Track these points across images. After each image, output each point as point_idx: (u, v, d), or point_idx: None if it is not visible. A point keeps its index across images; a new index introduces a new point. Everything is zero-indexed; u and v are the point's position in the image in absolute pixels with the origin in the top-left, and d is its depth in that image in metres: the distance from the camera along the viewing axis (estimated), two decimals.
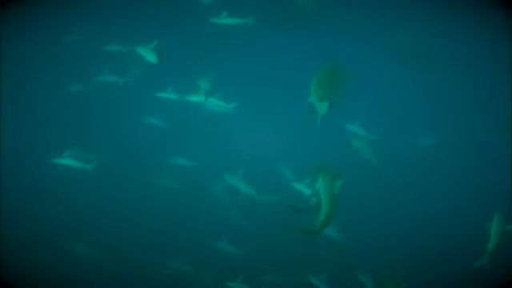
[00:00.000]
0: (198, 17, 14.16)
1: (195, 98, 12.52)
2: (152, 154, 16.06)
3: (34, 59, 17.88)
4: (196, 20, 14.52)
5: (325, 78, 8.30)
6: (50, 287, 13.49)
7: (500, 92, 16.48)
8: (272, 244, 14.39)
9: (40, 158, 13.37)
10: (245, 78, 16.05)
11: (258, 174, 13.23)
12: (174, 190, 15.61)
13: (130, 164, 16.35)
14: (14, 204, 14.47)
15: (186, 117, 14.42)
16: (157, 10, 17.45)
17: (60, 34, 17.37)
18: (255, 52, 17.28)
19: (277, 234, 13.78)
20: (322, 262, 12.76)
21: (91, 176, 12.84)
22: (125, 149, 16.66)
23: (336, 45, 15.70)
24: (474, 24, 16.78)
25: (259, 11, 13.59)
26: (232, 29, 13.53)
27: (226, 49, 16.40)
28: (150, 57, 12.20)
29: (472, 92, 18.03)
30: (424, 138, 16.82)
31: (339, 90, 8.21)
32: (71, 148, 12.88)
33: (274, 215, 13.44)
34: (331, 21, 16.53)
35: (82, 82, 16.32)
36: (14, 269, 12.22)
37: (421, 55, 17.33)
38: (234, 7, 13.44)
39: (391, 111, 17.17)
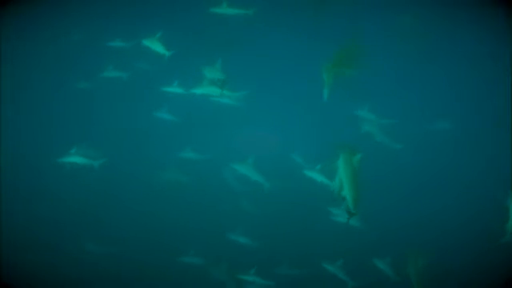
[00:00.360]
0: (199, 9, 14.14)
1: (202, 91, 12.43)
2: (160, 149, 15.97)
3: (34, 59, 17.81)
4: (197, 13, 14.52)
5: (339, 56, 8.41)
6: (49, 287, 13.31)
7: (501, 89, 16.65)
8: (285, 235, 14.34)
9: (42, 157, 13.27)
10: (253, 69, 16.00)
11: (269, 162, 13.16)
12: (184, 183, 15.48)
13: (137, 159, 16.26)
14: (14, 204, 14.35)
15: (193, 110, 14.35)
16: (157, 4, 17.44)
17: (60, 34, 17.38)
18: (262, 43, 17.32)
19: (290, 224, 13.78)
20: (336, 253, 12.63)
21: (98, 173, 12.69)
22: (130, 145, 16.58)
23: (344, 32, 15.76)
24: (474, 24, 16.96)
25: (263, 3, 13.62)
26: (243, 20, 13.53)
27: (235, 40, 16.39)
28: (159, 48, 12.11)
29: (472, 88, 18.20)
30: (428, 124, 16.89)
31: (352, 67, 8.29)
32: (78, 145, 12.71)
33: (288, 206, 13.49)
34: (338, 10, 16.67)
35: (86, 79, 16.25)
36: (14, 269, 12.14)
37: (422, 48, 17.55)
38: None
39: (397, 98, 17.22)
